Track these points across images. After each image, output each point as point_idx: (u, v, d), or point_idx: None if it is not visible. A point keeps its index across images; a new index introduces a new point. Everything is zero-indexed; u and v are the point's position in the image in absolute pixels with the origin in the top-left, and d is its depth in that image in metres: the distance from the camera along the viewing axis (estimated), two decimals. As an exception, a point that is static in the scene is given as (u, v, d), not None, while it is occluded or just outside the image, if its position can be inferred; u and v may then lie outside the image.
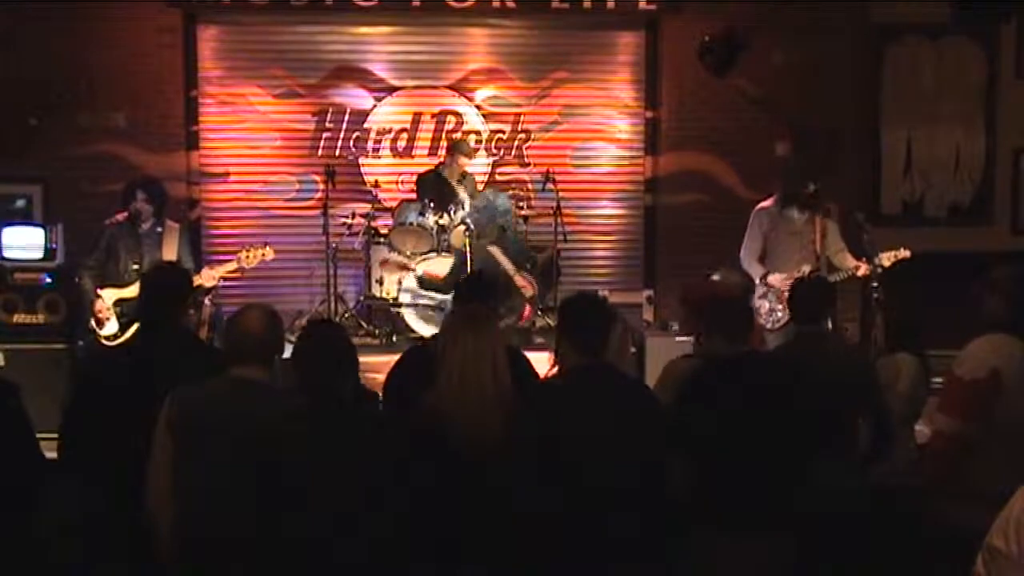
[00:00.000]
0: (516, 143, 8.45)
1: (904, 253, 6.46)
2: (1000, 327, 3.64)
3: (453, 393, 3.48)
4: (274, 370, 3.41)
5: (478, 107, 8.39)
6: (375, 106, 8.30)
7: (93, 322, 6.07)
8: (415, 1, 7.98)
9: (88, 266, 6.23)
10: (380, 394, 4.05)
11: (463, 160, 7.60)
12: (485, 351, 3.52)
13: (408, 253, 7.41)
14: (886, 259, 6.41)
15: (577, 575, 3.32)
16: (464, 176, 7.67)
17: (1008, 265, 3.80)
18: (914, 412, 4.89)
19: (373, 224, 7.65)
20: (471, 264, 7.12)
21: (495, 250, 7.26)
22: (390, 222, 7.75)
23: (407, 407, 3.61)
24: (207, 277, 6.28)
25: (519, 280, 7.31)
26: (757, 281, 6.25)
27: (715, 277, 5.14)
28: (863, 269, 6.35)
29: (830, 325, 5.15)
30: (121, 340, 5.89)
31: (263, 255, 6.52)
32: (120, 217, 6.32)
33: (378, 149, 8.34)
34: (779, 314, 6.08)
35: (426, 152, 8.32)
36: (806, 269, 6.17)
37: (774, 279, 6.10)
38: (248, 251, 6.50)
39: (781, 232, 6.32)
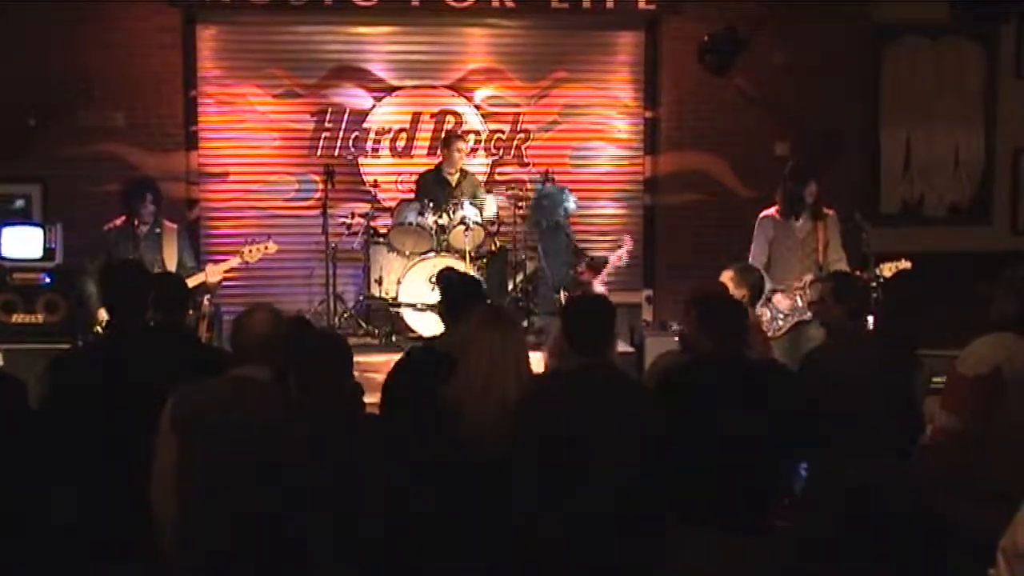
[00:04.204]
0: (515, 143, 8.45)
1: (905, 264, 6.42)
2: (1008, 326, 3.63)
3: (474, 393, 3.45)
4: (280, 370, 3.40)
5: (477, 107, 8.39)
6: (374, 106, 8.30)
7: (99, 327, 6.06)
8: (414, 1, 7.98)
9: (90, 271, 6.21)
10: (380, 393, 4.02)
11: (459, 146, 7.56)
12: (510, 353, 3.51)
13: (407, 253, 7.41)
14: (887, 270, 6.38)
15: (576, 574, 3.32)
16: (465, 175, 7.66)
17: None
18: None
19: (372, 224, 7.66)
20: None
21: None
22: (389, 222, 7.76)
23: (411, 406, 3.58)
24: (212, 273, 6.33)
25: None
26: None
27: (729, 272, 5.05)
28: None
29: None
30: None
31: (266, 249, 6.56)
32: (119, 221, 6.33)
33: (377, 149, 8.34)
34: (780, 322, 6.08)
35: (425, 152, 8.31)
36: (808, 279, 6.11)
37: (778, 300, 6.06)
38: (250, 246, 6.55)
39: (785, 241, 6.28)
